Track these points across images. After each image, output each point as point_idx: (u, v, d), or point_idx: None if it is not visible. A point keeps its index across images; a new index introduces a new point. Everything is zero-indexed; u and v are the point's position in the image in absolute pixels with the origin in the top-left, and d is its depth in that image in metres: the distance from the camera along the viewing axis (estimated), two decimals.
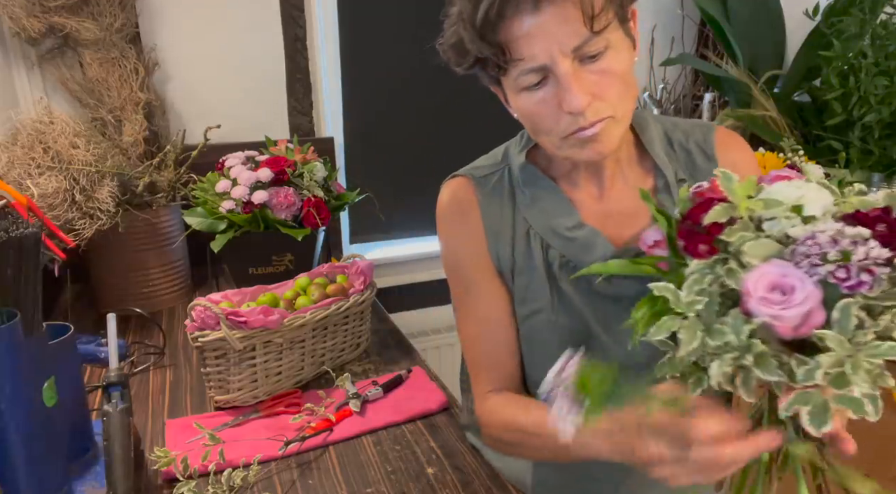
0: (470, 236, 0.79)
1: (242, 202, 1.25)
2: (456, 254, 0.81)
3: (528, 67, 0.63)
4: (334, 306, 1.04)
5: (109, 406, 0.72)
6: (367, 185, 1.57)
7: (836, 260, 0.40)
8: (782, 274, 0.41)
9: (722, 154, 0.77)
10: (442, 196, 0.83)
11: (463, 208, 0.80)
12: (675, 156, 0.77)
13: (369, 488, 0.79)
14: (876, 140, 1.38)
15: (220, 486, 0.78)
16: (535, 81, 0.64)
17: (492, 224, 0.79)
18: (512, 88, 0.68)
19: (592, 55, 0.63)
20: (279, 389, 1.01)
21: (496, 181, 0.80)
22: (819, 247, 0.40)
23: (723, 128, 0.79)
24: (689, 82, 2.02)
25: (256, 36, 1.58)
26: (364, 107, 1.77)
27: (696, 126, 0.80)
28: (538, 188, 0.78)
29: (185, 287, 1.46)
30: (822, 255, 0.40)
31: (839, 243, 0.40)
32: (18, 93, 1.42)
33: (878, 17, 1.43)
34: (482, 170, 0.82)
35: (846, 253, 0.40)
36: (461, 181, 0.82)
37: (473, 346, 0.81)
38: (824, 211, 0.44)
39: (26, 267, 0.69)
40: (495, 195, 0.79)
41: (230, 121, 1.52)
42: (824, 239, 0.40)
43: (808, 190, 0.45)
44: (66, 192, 1.13)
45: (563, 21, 0.60)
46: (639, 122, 0.78)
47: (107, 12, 1.39)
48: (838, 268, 0.39)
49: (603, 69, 0.63)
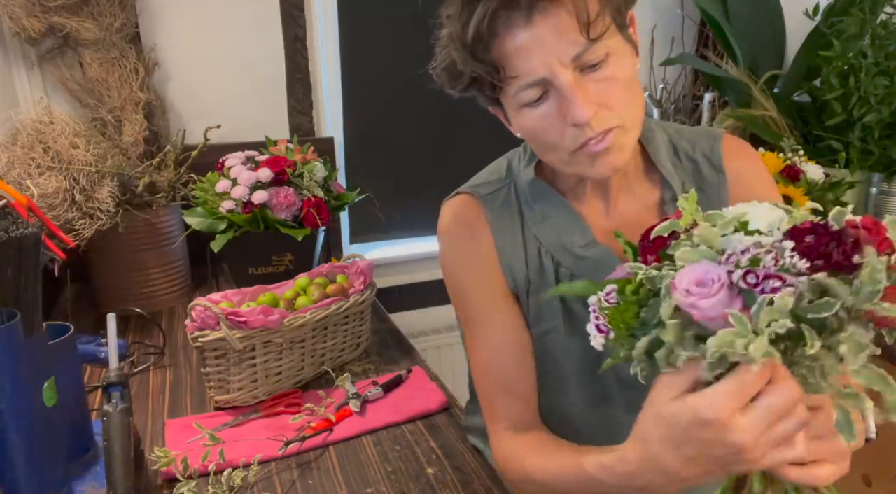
0: (480, 257, 0.75)
1: (242, 202, 1.25)
2: (465, 277, 0.77)
3: (526, 82, 0.61)
4: (334, 306, 1.04)
5: (109, 406, 0.72)
6: (367, 185, 1.57)
7: (745, 266, 0.42)
8: (704, 271, 0.44)
9: (729, 164, 0.74)
10: (444, 215, 0.79)
11: (471, 228, 0.76)
12: (682, 167, 0.75)
13: (369, 488, 0.79)
14: (876, 140, 1.39)
15: (220, 486, 0.78)
16: (535, 97, 0.62)
17: (504, 243, 0.75)
18: (512, 106, 0.65)
19: (594, 64, 0.60)
20: (279, 389, 1.01)
21: (503, 198, 0.76)
22: (736, 255, 0.43)
23: (731, 136, 0.77)
24: (689, 82, 2.02)
25: (256, 36, 1.58)
26: (364, 107, 1.77)
27: (703, 134, 0.77)
28: (548, 204, 0.74)
29: (185, 287, 1.46)
30: (736, 263, 0.43)
31: (749, 251, 0.42)
32: (18, 93, 1.42)
33: (878, 17, 1.43)
34: (487, 186, 0.78)
35: (755, 259, 0.42)
36: (466, 199, 0.78)
37: (486, 377, 0.76)
38: (770, 227, 0.46)
39: (26, 267, 0.69)
40: (504, 212, 0.76)
41: (230, 121, 1.52)
42: (740, 247, 0.43)
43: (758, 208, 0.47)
44: (66, 192, 1.13)
45: (559, 31, 0.58)
46: (644, 132, 0.75)
47: (107, 12, 1.39)
48: (747, 273, 0.42)
49: (606, 77, 0.61)
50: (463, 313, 0.78)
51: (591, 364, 0.73)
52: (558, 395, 0.77)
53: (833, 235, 0.42)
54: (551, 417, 0.78)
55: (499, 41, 0.60)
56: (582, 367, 0.74)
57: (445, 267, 0.79)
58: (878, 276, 0.40)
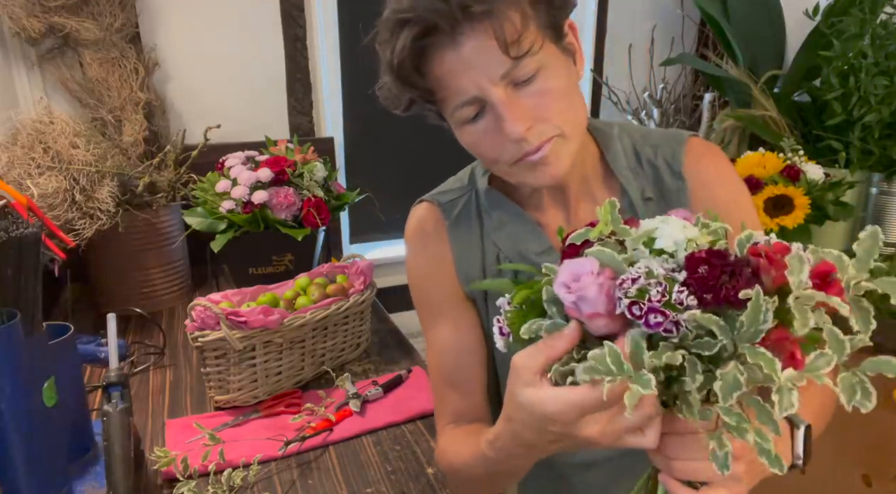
0: (436, 262, 0.78)
1: (242, 202, 1.25)
2: (421, 281, 0.80)
3: (460, 102, 0.61)
4: (334, 306, 1.04)
5: (109, 406, 0.72)
6: (367, 185, 1.57)
7: (632, 297, 0.40)
8: (580, 265, 0.43)
9: (690, 169, 0.72)
10: (409, 221, 0.82)
11: (429, 234, 0.79)
12: (643, 173, 0.74)
13: (369, 488, 0.79)
14: (876, 140, 1.38)
15: (220, 486, 0.78)
16: (471, 114, 0.62)
17: (461, 249, 0.77)
18: (454, 123, 0.66)
19: (525, 79, 0.60)
20: (279, 389, 1.01)
21: (463, 205, 0.78)
22: (630, 281, 0.41)
23: (696, 139, 0.74)
24: (689, 82, 2.02)
25: (256, 36, 1.58)
26: (364, 107, 1.77)
27: (668, 139, 0.75)
28: (504, 212, 0.76)
29: (185, 287, 1.46)
30: (625, 290, 0.41)
31: (639, 281, 0.40)
32: (18, 93, 1.42)
33: (878, 17, 1.43)
34: (448, 194, 0.79)
35: (643, 290, 0.40)
36: (427, 207, 0.80)
37: (435, 373, 0.78)
38: (676, 246, 0.44)
39: (26, 267, 0.69)
40: (462, 220, 0.77)
41: (230, 122, 1.52)
42: (633, 273, 0.41)
43: (668, 226, 0.45)
44: (66, 192, 1.13)
45: (485, 51, 0.58)
46: (603, 138, 0.75)
47: (107, 12, 1.39)
48: (633, 304, 0.40)
49: (539, 90, 0.61)
50: (420, 315, 0.81)
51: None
52: None
53: (728, 265, 0.39)
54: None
55: (427, 66, 0.61)
56: None
57: (407, 271, 0.83)
58: (761, 316, 0.37)
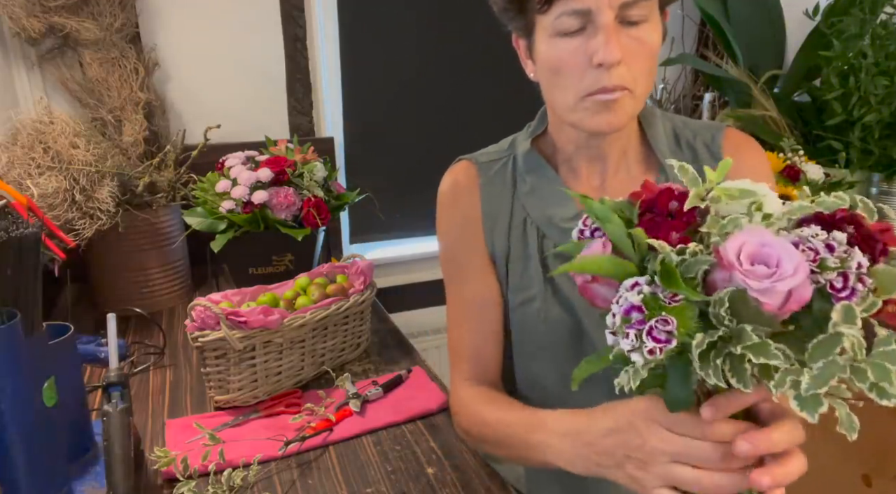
0: (466, 220, 0.80)
1: (242, 202, 1.25)
2: (449, 238, 0.83)
3: (571, 8, 0.63)
4: (334, 306, 1.04)
5: (109, 406, 0.72)
6: (367, 185, 1.57)
7: (836, 267, 0.36)
8: (761, 244, 0.37)
9: (727, 156, 0.74)
10: (445, 179, 0.84)
11: (461, 190, 0.81)
12: (682, 154, 0.77)
13: (369, 488, 0.79)
14: (876, 140, 1.38)
15: (220, 486, 0.78)
16: (572, 27, 0.64)
17: (490, 209, 0.79)
18: (546, 31, 0.67)
19: (633, 21, 0.63)
20: (279, 389, 1.01)
21: (500, 167, 0.81)
22: (815, 252, 0.36)
23: (734, 130, 0.78)
24: (689, 82, 2.02)
25: (256, 36, 1.58)
26: (364, 107, 1.77)
27: (707, 127, 0.79)
28: (539, 177, 0.78)
29: (185, 287, 1.46)
30: (819, 262, 0.36)
31: (835, 250, 0.36)
32: (18, 93, 1.42)
33: (878, 17, 1.43)
34: (487, 155, 0.83)
35: (843, 260, 0.37)
36: (465, 165, 0.83)
37: (456, 329, 0.82)
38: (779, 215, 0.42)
39: (26, 267, 0.69)
40: (497, 181, 0.80)
41: (230, 122, 1.52)
42: (819, 244, 0.37)
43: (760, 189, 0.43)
44: (66, 192, 1.13)
45: None
46: (646, 117, 0.78)
47: (107, 12, 1.39)
48: (837, 277, 0.36)
49: (639, 37, 0.64)
50: (445, 272, 0.84)
51: (570, 333, 0.75)
52: (534, 363, 0.80)
53: (863, 227, 0.39)
54: (526, 386, 0.82)
55: None
56: (560, 337, 0.76)
57: (437, 228, 0.85)
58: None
